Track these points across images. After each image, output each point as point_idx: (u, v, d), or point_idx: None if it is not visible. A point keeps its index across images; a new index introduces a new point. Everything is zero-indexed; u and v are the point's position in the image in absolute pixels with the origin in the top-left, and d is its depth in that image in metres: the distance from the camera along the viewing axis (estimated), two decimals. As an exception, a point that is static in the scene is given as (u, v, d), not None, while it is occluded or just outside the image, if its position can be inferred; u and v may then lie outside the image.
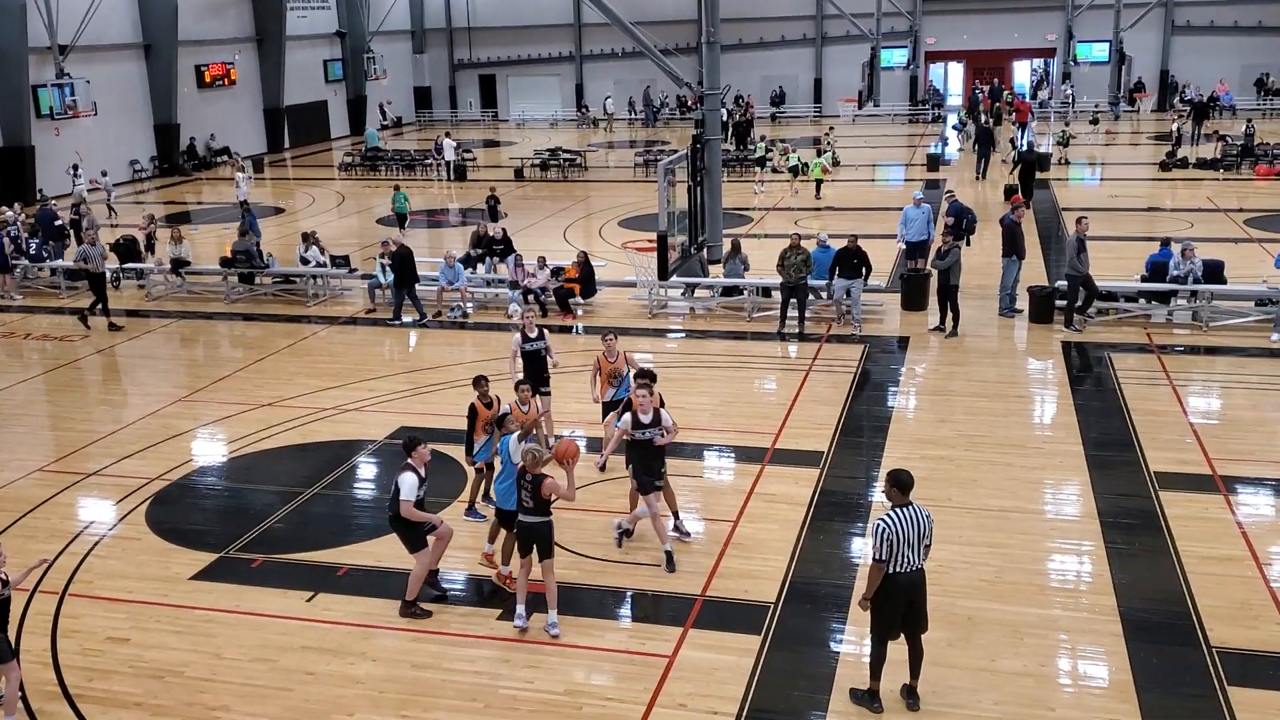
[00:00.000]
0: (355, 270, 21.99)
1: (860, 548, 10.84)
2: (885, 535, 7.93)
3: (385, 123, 54.14)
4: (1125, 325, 18.17)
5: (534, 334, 13.07)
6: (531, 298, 19.83)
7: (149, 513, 12.34)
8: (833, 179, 33.01)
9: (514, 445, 10.03)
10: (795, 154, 33.93)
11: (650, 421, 10.52)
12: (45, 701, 8.81)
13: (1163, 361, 16.32)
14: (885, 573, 8.00)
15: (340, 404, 15.58)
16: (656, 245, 17.85)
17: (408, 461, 9.79)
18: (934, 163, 36.05)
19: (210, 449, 14.38)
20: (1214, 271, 18.17)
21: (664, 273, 18.04)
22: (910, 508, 8.04)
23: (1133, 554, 10.62)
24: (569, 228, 28.43)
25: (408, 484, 9.65)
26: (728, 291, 19.92)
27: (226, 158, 42.47)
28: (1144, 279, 18.64)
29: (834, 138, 37.92)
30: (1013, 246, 18.46)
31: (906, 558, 7.98)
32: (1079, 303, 17.72)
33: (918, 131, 47.33)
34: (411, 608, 9.89)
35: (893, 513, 8.00)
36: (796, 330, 18.13)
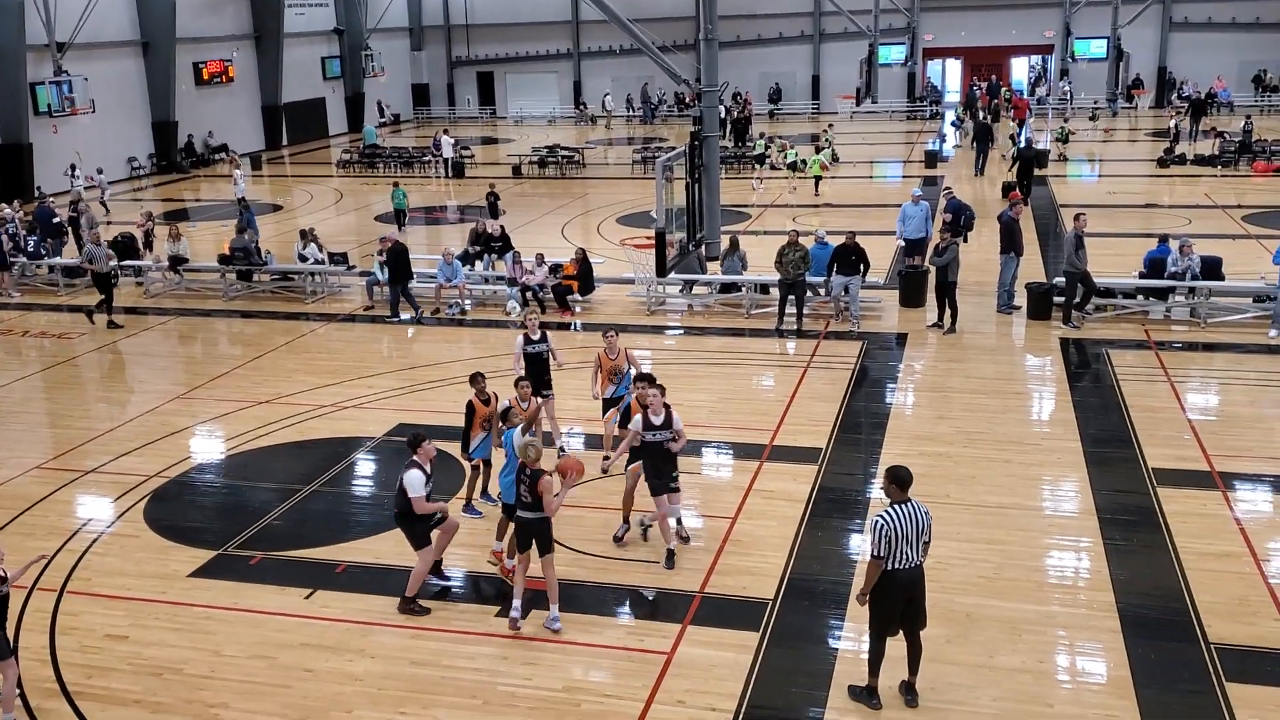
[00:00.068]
0: (353, 267, 21.98)
1: (859, 544, 10.84)
2: (884, 532, 7.94)
3: (383, 120, 54.11)
4: (1123, 322, 18.18)
5: (537, 336, 12.94)
6: (530, 295, 19.83)
7: (147, 510, 12.34)
8: (831, 176, 33.02)
9: (518, 438, 10.03)
10: (793, 150, 33.91)
11: (662, 423, 10.45)
12: (44, 699, 8.81)
13: (1161, 358, 16.33)
14: (884, 569, 8.01)
15: (338, 401, 15.58)
16: (655, 242, 17.86)
17: (413, 458, 9.79)
18: (932, 159, 36.03)
19: (208, 446, 14.38)
20: (1212, 268, 18.17)
21: (662, 269, 18.06)
22: (909, 504, 8.04)
23: (1131, 550, 10.63)
24: (567, 225, 28.42)
25: (416, 481, 9.66)
26: (726, 288, 19.92)
27: (224, 155, 42.45)
28: (1142, 275, 18.64)
29: (833, 134, 37.94)
30: (1011, 243, 18.46)
31: (905, 554, 7.99)
32: (1077, 299, 17.74)
33: (915, 128, 47.30)
34: (411, 604, 9.89)
35: (891, 509, 8.01)
36: (795, 327, 18.12)
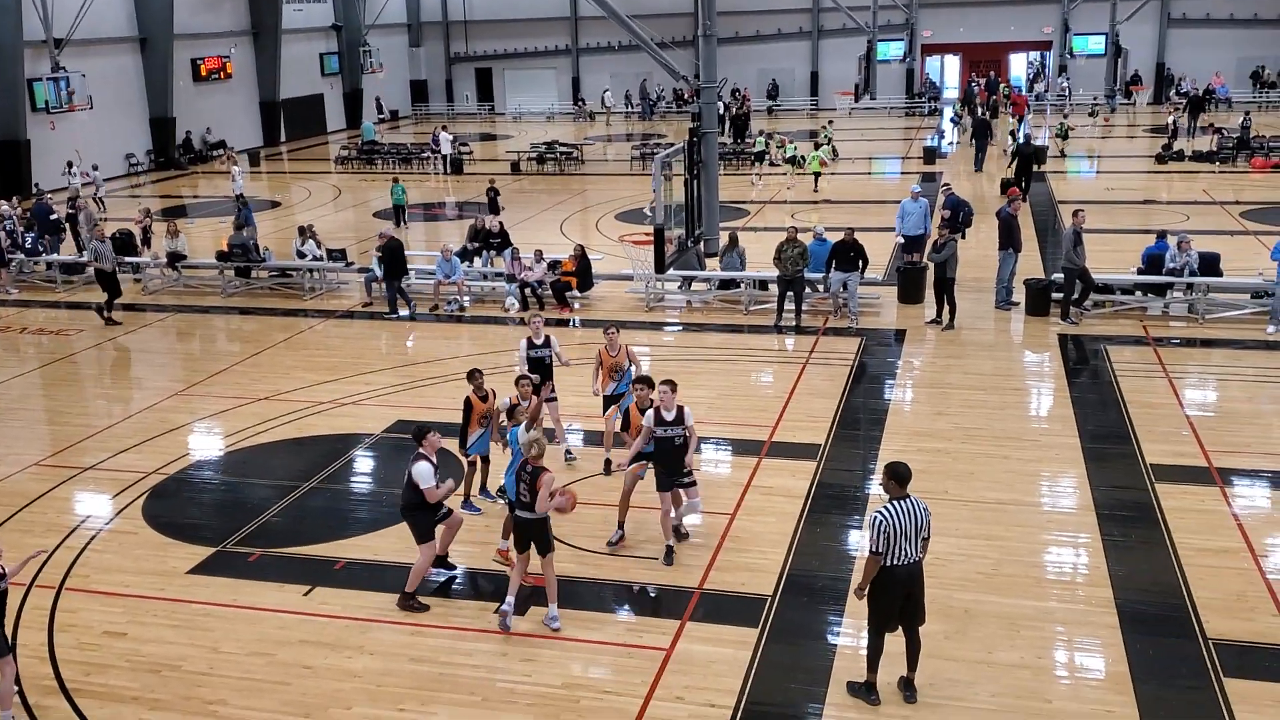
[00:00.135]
0: (352, 264, 21.97)
1: (857, 540, 10.84)
2: (882, 528, 7.94)
3: (382, 116, 54.06)
4: (1121, 318, 18.18)
5: (540, 340, 12.76)
6: (530, 292, 19.81)
7: (146, 507, 12.33)
8: (830, 172, 33.00)
9: (522, 435, 10.01)
10: (792, 145, 33.87)
11: (674, 419, 10.42)
12: (42, 696, 8.80)
13: (1159, 354, 16.33)
14: (882, 565, 8.01)
15: (337, 398, 15.58)
16: (653, 238, 17.85)
17: (420, 451, 9.79)
18: (930, 156, 36.02)
19: (207, 443, 14.37)
20: (1210, 264, 18.16)
21: (661, 266, 18.06)
22: (908, 500, 8.04)
23: (1129, 546, 10.63)
24: (566, 221, 28.41)
25: (425, 472, 9.66)
26: (725, 284, 19.91)
27: (222, 151, 42.40)
28: (1140, 271, 18.63)
29: (832, 130, 37.92)
30: (1009, 239, 18.46)
31: (904, 550, 7.99)
32: (1075, 295, 17.74)
33: (914, 125, 47.30)
34: (410, 600, 9.89)
35: (890, 505, 8.01)
36: (793, 323, 18.12)
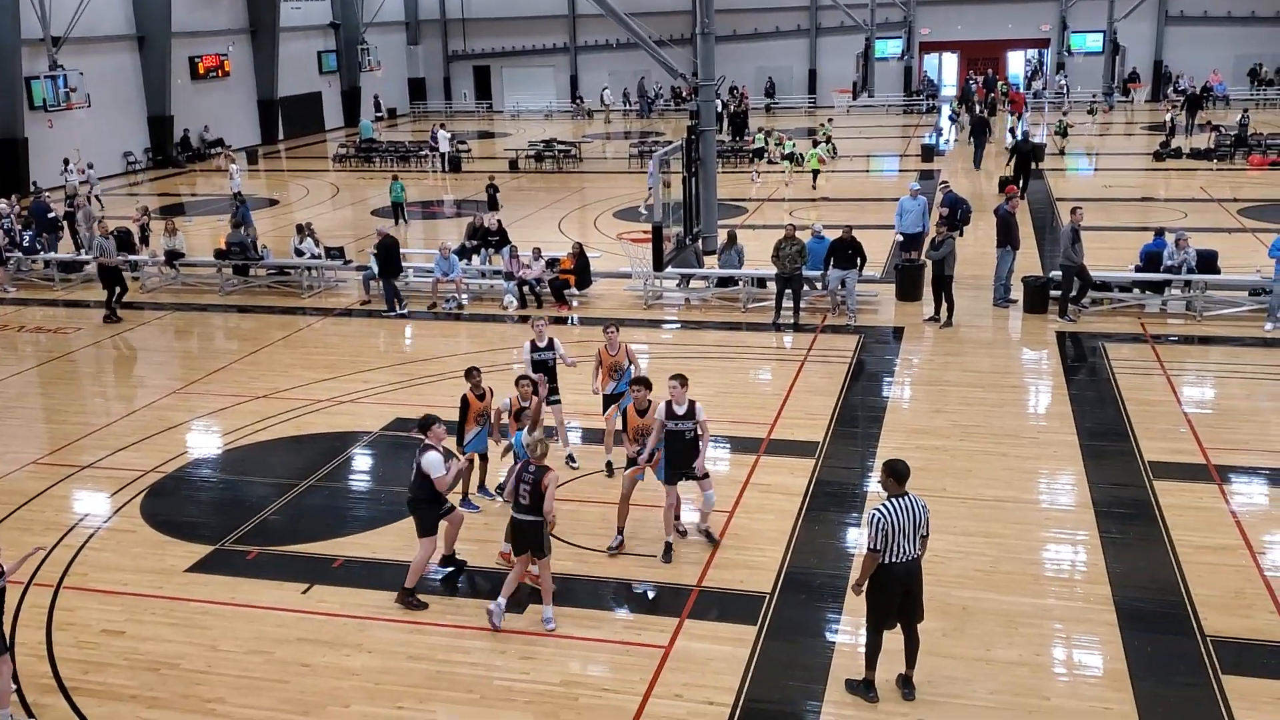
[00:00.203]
0: (350, 262, 21.96)
1: (856, 538, 10.85)
2: (881, 525, 7.94)
3: (380, 114, 54.02)
4: (1119, 315, 18.19)
5: (543, 343, 12.69)
6: (528, 290, 19.81)
7: (144, 505, 12.32)
8: (829, 170, 32.99)
9: (526, 437, 9.99)
10: (791, 141, 33.86)
11: (684, 413, 10.41)
12: (40, 694, 8.80)
13: (1157, 351, 16.34)
14: (881, 563, 8.01)
15: (335, 396, 15.57)
16: (651, 236, 17.83)
17: (426, 442, 9.79)
18: (929, 153, 36.02)
19: (205, 441, 14.36)
20: (1208, 261, 18.18)
21: (659, 264, 18.03)
22: (906, 498, 8.04)
23: (1127, 543, 10.64)
24: (564, 219, 28.39)
25: (435, 462, 9.66)
26: (723, 282, 19.91)
27: (220, 149, 42.36)
28: (1138, 269, 18.65)
29: (831, 128, 37.90)
30: (1007, 237, 18.47)
31: (902, 548, 7.99)
32: (1073, 293, 17.75)
33: (912, 122, 47.30)
34: (410, 596, 9.89)
35: (889, 503, 8.01)
36: (792, 321, 18.12)
